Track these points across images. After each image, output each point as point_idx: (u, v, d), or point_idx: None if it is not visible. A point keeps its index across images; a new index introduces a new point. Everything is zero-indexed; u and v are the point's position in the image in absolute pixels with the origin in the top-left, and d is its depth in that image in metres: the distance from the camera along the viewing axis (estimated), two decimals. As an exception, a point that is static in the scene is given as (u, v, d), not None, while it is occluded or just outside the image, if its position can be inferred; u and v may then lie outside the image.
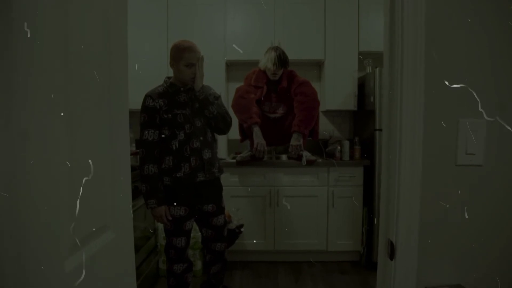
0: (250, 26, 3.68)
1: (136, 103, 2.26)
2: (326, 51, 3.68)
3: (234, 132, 3.43)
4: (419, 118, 1.05)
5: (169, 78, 2.32)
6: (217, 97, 2.38)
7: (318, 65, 4.02)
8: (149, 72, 3.38)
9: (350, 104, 3.70)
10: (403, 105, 1.05)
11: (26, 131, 0.63)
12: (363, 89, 3.67)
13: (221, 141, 3.54)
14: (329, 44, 3.67)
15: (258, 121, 3.07)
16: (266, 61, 3.10)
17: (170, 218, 2.23)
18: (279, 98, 3.26)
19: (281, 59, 3.07)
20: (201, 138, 2.25)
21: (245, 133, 3.26)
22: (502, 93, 1.09)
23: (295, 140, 3.09)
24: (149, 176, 2.17)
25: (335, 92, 3.69)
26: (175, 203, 2.22)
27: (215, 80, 3.58)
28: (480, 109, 1.08)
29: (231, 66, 4.01)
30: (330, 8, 3.65)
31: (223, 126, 2.35)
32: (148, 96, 2.22)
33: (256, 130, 3.06)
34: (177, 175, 2.21)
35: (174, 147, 2.20)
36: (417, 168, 1.07)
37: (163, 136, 2.22)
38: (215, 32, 3.66)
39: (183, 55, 2.16)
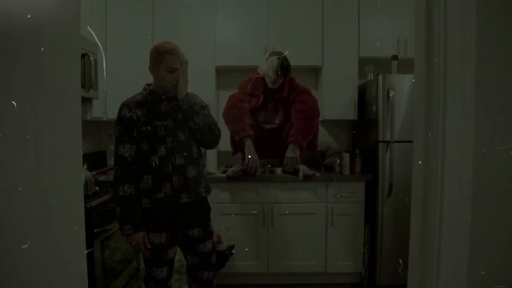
0: (242, 30, 3.42)
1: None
2: (324, 56, 3.43)
3: (225, 144, 3.16)
4: (468, 144, 0.78)
5: (149, 85, 2.04)
6: (204, 107, 2.10)
7: (315, 72, 3.76)
8: (132, 79, 3.09)
9: (350, 113, 3.44)
10: (446, 130, 0.77)
11: None
12: (363, 97, 3.42)
13: (211, 153, 3.27)
14: (327, 49, 3.42)
15: (251, 133, 2.79)
16: (267, 68, 2.83)
17: (149, 246, 1.94)
18: (276, 107, 2.99)
19: (284, 67, 2.80)
20: (185, 153, 1.96)
21: (237, 146, 2.98)
22: None
23: (291, 152, 2.81)
24: (124, 197, 1.88)
25: (334, 101, 3.44)
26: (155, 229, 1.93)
27: (204, 87, 3.33)
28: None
29: (221, 72, 3.74)
30: (328, 11, 3.41)
31: (211, 139, 2.07)
32: (124, 106, 1.94)
33: (249, 144, 2.78)
34: (157, 196, 1.92)
35: (153, 164, 1.92)
36: (465, 204, 0.80)
37: (141, 151, 1.93)
38: (204, 36, 3.39)
39: (164, 58, 1.89)
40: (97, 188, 2.43)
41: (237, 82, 3.17)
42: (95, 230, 2.17)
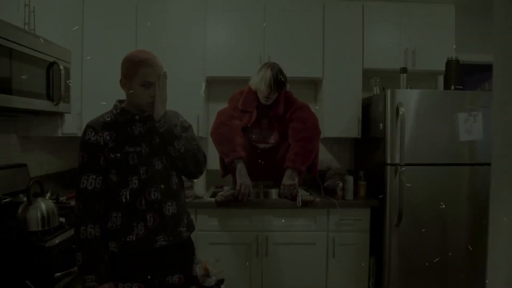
0: (235, 37, 3.10)
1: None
2: (325, 67, 3.11)
3: (215, 161, 2.84)
4: None
5: (120, 102, 1.70)
6: (187, 128, 1.76)
7: (315, 84, 3.45)
8: (111, 92, 2.74)
9: (353, 130, 3.13)
10: None
11: None
12: (368, 114, 3.11)
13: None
14: (329, 60, 3.11)
15: (243, 155, 2.45)
16: (258, 81, 2.49)
17: (117, 300, 1.59)
18: (271, 125, 2.65)
19: (278, 81, 2.47)
20: (162, 186, 1.62)
21: (227, 168, 2.64)
22: None
23: (289, 179, 2.47)
24: (87, 241, 1.53)
25: (335, 116, 3.12)
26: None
27: (192, 100, 3.03)
28: None
29: (212, 83, 3.41)
30: (329, 18, 3.11)
31: (194, 168, 1.73)
32: (88, 128, 1.60)
33: (240, 167, 2.44)
34: (128, 239, 1.57)
35: (123, 199, 1.57)
36: None
37: (108, 183, 1.59)
38: (193, 43, 3.07)
39: (137, 71, 1.55)
40: (62, 220, 2.07)
41: (229, 94, 2.84)
42: (56, 274, 1.81)
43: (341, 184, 2.83)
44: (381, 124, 2.80)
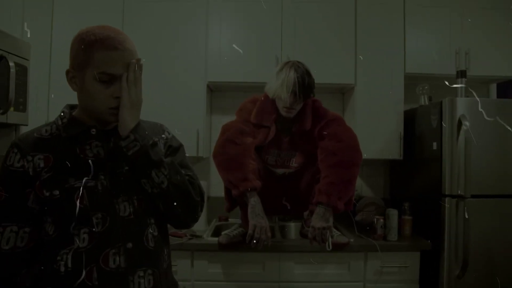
0: (245, 34, 2.51)
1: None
2: (357, 71, 2.50)
3: (219, 188, 2.21)
4: None
5: (72, 108, 1.08)
6: (175, 149, 1.13)
7: (342, 93, 2.84)
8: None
9: (393, 150, 2.49)
10: None
11: None
12: (411, 129, 2.48)
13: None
14: (362, 62, 2.50)
15: (257, 185, 1.80)
16: (278, 85, 1.84)
17: None
18: (294, 144, 2.00)
19: (305, 86, 1.82)
20: (130, 244, 0.98)
21: (234, 200, 1.98)
22: None
23: (321, 219, 1.79)
24: None
25: (370, 132, 2.49)
26: None
27: (190, 111, 2.45)
28: None
29: (215, 91, 2.81)
30: (363, 11, 2.53)
31: (185, 212, 1.07)
32: (13, 147, 0.98)
33: (254, 202, 1.79)
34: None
35: (63, 268, 0.94)
36: None
37: (40, 239, 0.97)
38: (192, 42, 2.48)
39: (92, 56, 0.94)
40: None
41: (237, 104, 2.22)
42: None
43: (382, 220, 2.19)
44: (434, 143, 2.17)
